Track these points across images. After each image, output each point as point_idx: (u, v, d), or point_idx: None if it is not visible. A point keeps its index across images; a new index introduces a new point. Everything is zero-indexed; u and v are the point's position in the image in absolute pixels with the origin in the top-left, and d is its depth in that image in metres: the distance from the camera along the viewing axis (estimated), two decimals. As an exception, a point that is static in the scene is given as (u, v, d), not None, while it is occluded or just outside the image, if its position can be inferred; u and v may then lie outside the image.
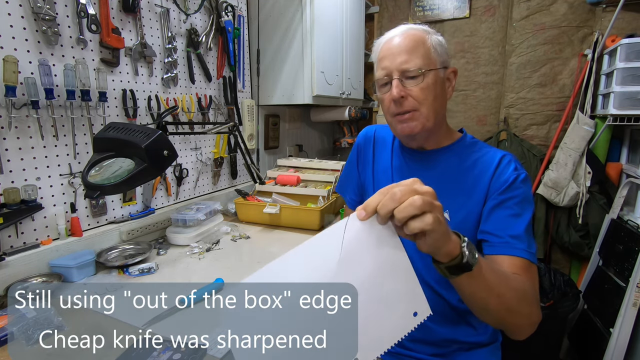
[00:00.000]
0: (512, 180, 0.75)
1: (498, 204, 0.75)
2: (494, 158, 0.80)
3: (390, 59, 0.77)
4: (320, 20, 1.78)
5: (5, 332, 0.72)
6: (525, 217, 0.73)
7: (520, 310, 0.62)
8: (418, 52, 0.76)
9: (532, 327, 0.64)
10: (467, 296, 0.59)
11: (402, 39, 0.78)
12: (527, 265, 0.69)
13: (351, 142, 2.73)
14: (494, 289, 0.57)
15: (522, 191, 0.75)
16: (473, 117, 2.54)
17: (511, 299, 0.60)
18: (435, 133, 0.84)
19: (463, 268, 0.52)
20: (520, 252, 0.69)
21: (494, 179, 0.77)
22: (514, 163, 0.79)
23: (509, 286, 0.60)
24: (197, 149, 1.57)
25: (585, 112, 2.01)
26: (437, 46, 0.79)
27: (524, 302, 0.62)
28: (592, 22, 2.12)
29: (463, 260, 0.52)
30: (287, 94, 1.85)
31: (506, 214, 0.74)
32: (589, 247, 2.03)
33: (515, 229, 0.72)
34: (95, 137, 0.84)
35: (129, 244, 1.18)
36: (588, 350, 1.75)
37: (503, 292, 0.59)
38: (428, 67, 0.76)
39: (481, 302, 0.59)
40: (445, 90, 0.82)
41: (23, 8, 0.95)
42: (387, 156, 0.94)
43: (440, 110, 0.81)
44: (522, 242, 0.70)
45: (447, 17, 2.50)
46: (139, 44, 1.26)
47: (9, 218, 0.90)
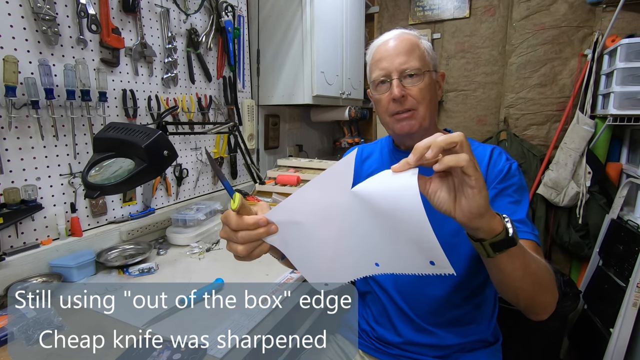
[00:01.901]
0: (507, 169, 0.78)
1: (498, 193, 0.77)
2: (485, 151, 0.82)
3: (389, 60, 0.80)
4: (320, 20, 1.78)
5: (5, 332, 0.72)
6: (525, 203, 0.76)
7: (550, 286, 0.63)
8: (415, 54, 0.80)
9: (555, 306, 0.66)
10: (507, 274, 0.57)
11: (398, 42, 0.81)
12: (536, 247, 0.70)
13: (351, 142, 2.73)
14: (531, 265, 0.57)
15: (518, 179, 0.78)
16: (473, 117, 2.53)
17: (545, 275, 0.61)
18: (429, 132, 0.84)
19: (509, 243, 0.51)
20: (528, 235, 0.71)
21: (489, 170, 0.79)
22: (504, 154, 0.82)
23: (540, 263, 0.61)
24: (197, 149, 1.57)
25: (585, 112, 2.01)
26: (429, 50, 0.83)
27: (552, 279, 0.63)
28: (592, 22, 2.12)
29: (509, 234, 0.50)
30: (287, 94, 1.85)
31: (507, 201, 0.76)
32: (589, 247, 2.03)
33: (518, 214, 0.74)
34: (95, 137, 0.83)
35: (129, 244, 1.18)
36: (588, 350, 1.74)
37: (535, 269, 0.59)
38: (425, 69, 0.80)
39: (518, 279, 0.58)
40: (436, 92, 0.85)
41: (23, 8, 0.95)
42: (375, 164, 0.96)
43: (434, 110, 0.84)
44: (527, 225, 0.72)
45: (447, 17, 2.50)
46: (139, 44, 1.26)
47: (9, 218, 0.90)
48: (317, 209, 0.54)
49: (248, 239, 0.53)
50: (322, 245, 0.57)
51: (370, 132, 2.94)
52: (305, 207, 0.54)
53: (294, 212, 0.55)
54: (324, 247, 0.57)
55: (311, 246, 0.58)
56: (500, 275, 0.58)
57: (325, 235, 0.56)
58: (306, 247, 0.58)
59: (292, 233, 0.57)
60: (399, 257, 0.52)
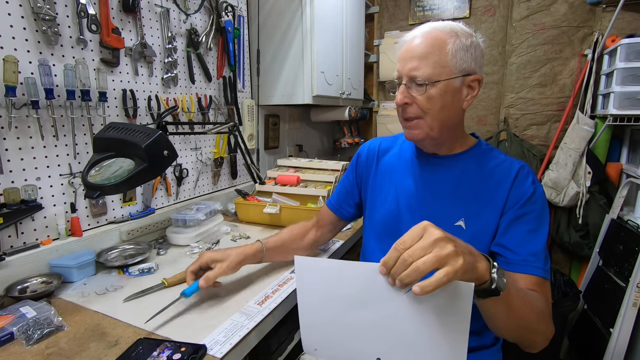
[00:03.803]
0: (530, 193, 0.74)
1: (517, 218, 0.74)
2: (512, 168, 0.78)
3: (403, 62, 0.76)
4: (320, 20, 1.78)
5: (5, 332, 0.71)
6: (543, 232, 0.73)
7: (538, 329, 0.62)
8: (431, 59, 0.72)
9: (546, 342, 0.65)
10: (490, 316, 0.59)
11: (421, 40, 0.74)
12: (543, 283, 0.69)
13: (351, 142, 2.73)
14: (517, 310, 0.58)
15: (540, 205, 0.74)
16: (473, 117, 2.54)
17: (532, 320, 0.61)
18: (445, 141, 0.82)
19: (491, 293, 0.52)
20: (537, 270, 0.69)
21: (512, 190, 0.76)
22: (531, 175, 0.78)
23: (531, 307, 0.61)
24: (197, 149, 1.57)
25: (585, 112, 2.01)
26: (460, 51, 0.73)
27: (542, 321, 0.63)
28: (592, 22, 2.12)
29: (492, 286, 0.52)
30: (287, 94, 1.85)
31: (525, 229, 0.73)
32: (589, 247, 2.03)
33: (533, 245, 0.71)
34: (95, 137, 0.84)
35: (129, 244, 1.18)
36: (588, 350, 1.74)
37: (525, 313, 0.59)
38: (438, 78, 0.72)
39: (503, 321, 0.60)
40: (459, 99, 0.76)
41: (23, 8, 0.95)
42: (394, 160, 0.94)
43: (447, 120, 0.77)
44: (539, 259, 0.70)
45: (447, 17, 2.50)
46: (139, 44, 1.26)
47: (9, 218, 0.90)
48: (355, 289, 0.55)
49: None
50: (345, 325, 0.58)
51: (370, 132, 2.94)
52: (347, 280, 0.55)
53: (335, 278, 0.56)
54: (346, 326, 0.58)
55: (334, 318, 0.58)
56: (485, 315, 0.60)
57: (351, 319, 0.57)
58: (327, 317, 0.59)
59: (319, 294, 0.58)
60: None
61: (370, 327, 0.55)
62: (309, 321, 0.62)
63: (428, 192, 0.84)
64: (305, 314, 0.61)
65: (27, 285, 0.91)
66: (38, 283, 0.93)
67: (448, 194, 0.81)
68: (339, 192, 1.06)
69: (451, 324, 0.49)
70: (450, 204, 0.80)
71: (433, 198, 0.83)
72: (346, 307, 0.56)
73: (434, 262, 0.45)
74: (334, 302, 0.57)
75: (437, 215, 0.80)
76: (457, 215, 0.79)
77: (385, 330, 0.54)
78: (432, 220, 0.49)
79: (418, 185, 0.85)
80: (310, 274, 0.58)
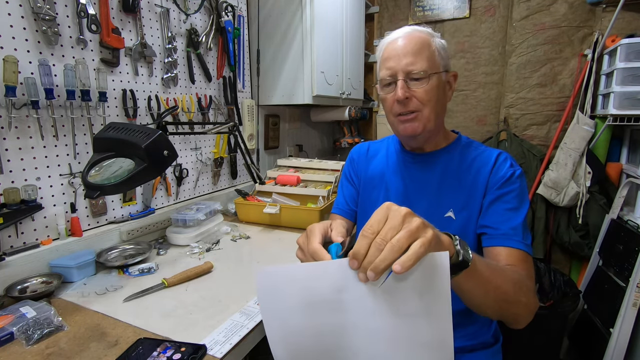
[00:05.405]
0: (509, 175, 0.79)
1: (496, 198, 0.78)
2: (491, 156, 0.83)
3: (396, 59, 0.78)
4: (320, 20, 1.78)
5: (5, 332, 0.71)
6: (522, 210, 0.77)
7: (518, 300, 0.63)
8: (423, 54, 0.77)
9: (531, 315, 0.66)
10: (466, 292, 0.59)
11: (408, 40, 0.79)
12: (524, 256, 0.72)
13: (351, 142, 2.73)
14: (491, 281, 0.59)
15: (519, 185, 0.79)
16: (473, 117, 2.54)
17: (508, 290, 0.61)
18: (435, 135, 0.87)
19: (461, 265, 0.52)
20: (517, 243, 0.73)
21: (491, 175, 0.81)
22: (509, 160, 0.83)
23: (505, 277, 0.62)
24: (197, 149, 1.57)
25: (585, 112, 2.01)
26: (441, 50, 0.81)
27: (521, 291, 0.63)
28: (592, 22, 2.12)
29: (459, 258, 0.52)
30: (287, 94, 1.85)
31: (504, 207, 0.77)
32: (589, 247, 2.03)
33: (512, 221, 0.75)
34: (95, 137, 0.84)
35: (129, 244, 1.18)
36: (588, 350, 1.74)
37: (500, 283, 0.60)
38: (433, 70, 0.78)
39: (480, 296, 0.60)
40: (445, 93, 0.83)
41: (23, 8, 0.95)
42: (380, 165, 0.96)
43: (440, 112, 0.83)
44: (519, 234, 0.73)
45: (447, 17, 2.50)
46: (139, 44, 1.26)
47: (9, 218, 0.90)
48: (327, 291, 0.48)
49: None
50: (320, 336, 0.50)
51: (370, 132, 2.94)
52: (317, 282, 0.49)
53: (302, 286, 0.49)
54: (321, 338, 0.50)
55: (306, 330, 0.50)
56: (461, 293, 0.59)
57: (327, 326, 0.50)
58: (294, 328, 0.51)
59: (286, 303, 0.50)
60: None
61: (351, 333, 0.49)
62: (278, 338, 0.53)
63: (417, 189, 0.88)
64: (274, 332, 0.53)
65: (27, 285, 0.91)
66: (38, 283, 0.93)
67: (435, 188, 0.85)
68: (345, 197, 1.03)
69: (434, 304, 0.45)
70: (438, 197, 0.84)
71: (422, 194, 0.87)
72: (320, 315, 0.49)
73: (407, 238, 0.43)
74: (306, 312, 0.49)
75: (427, 210, 0.84)
76: (446, 207, 0.83)
77: (367, 333, 0.49)
78: (423, 214, 0.49)
79: (407, 184, 0.89)
80: (275, 286, 0.50)
